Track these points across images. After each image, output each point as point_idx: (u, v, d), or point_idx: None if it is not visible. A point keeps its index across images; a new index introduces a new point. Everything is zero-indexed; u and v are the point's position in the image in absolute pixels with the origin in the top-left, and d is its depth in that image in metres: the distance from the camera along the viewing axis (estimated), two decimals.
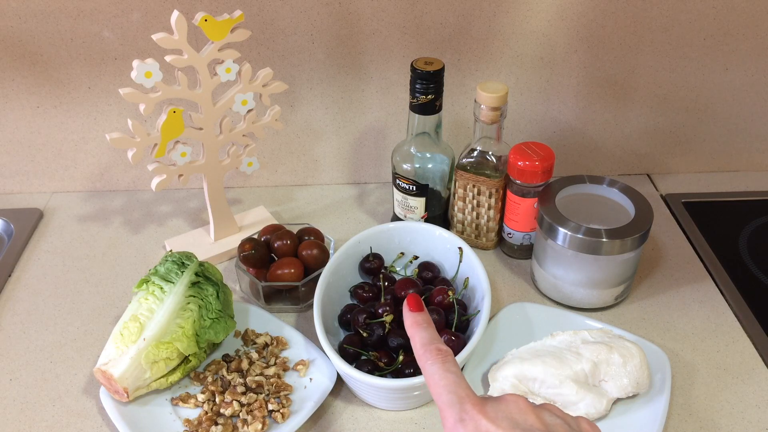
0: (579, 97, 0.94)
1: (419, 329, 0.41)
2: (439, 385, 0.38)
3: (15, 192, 0.99)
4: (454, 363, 0.40)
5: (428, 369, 0.39)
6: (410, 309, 0.43)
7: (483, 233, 0.86)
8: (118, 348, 0.65)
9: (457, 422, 0.36)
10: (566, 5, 0.86)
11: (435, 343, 0.40)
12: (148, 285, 0.70)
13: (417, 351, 0.41)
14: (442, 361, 0.39)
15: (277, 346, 0.73)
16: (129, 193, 0.99)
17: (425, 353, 0.40)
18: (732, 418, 0.66)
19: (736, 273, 0.84)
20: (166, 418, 0.66)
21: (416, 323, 0.42)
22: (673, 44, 0.90)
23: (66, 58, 0.86)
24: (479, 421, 0.35)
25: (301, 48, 0.87)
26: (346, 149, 0.98)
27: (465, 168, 0.82)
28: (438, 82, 0.76)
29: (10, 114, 0.91)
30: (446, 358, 0.39)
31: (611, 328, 0.72)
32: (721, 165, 1.03)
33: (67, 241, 0.90)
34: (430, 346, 0.40)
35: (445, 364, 0.39)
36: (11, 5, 0.82)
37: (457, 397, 0.37)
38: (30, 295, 0.82)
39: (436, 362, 0.39)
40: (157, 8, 0.83)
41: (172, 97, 0.73)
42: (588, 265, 0.74)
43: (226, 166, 0.83)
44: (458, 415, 0.36)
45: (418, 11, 0.85)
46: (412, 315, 0.43)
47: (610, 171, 1.03)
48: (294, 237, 0.80)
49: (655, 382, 0.68)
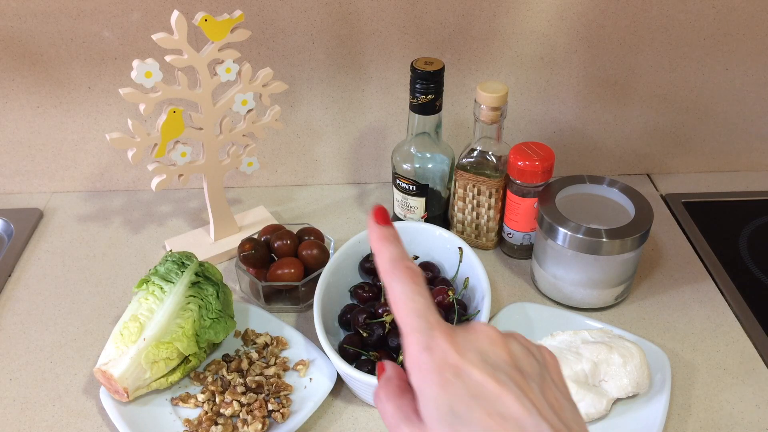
0: (579, 97, 0.94)
1: (387, 243, 0.36)
2: (408, 307, 0.34)
3: (15, 192, 0.99)
4: (424, 285, 0.35)
5: (396, 288, 0.35)
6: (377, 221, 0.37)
7: (483, 233, 0.86)
8: (118, 348, 0.65)
9: (424, 350, 0.33)
10: (566, 5, 0.86)
11: (405, 260, 0.36)
12: (148, 285, 0.70)
13: (384, 267, 0.36)
14: (412, 281, 0.35)
15: (277, 346, 0.73)
16: (129, 193, 0.99)
17: (394, 269, 0.35)
18: (732, 418, 0.66)
19: (736, 273, 0.84)
20: (166, 418, 0.66)
21: (383, 237, 0.37)
22: (673, 44, 0.90)
23: (66, 58, 0.86)
24: (448, 352, 0.32)
25: (301, 48, 0.87)
26: (346, 149, 0.98)
27: (465, 168, 0.82)
28: (438, 82, 0.76)
29: (10, 114, 0.91)
30: (417, 279, 0.35)
31: (611, 328, 0.72)
32: (721, 165, 1.03)
33: (67, 241, 0.90)
34: (399, 263, 0.35)
35: (416, 285, 0.35)
36: (11, 5, 0.82)
37: (427, 322, 0.33)
38: (30, 295, 0.82)
39: (406, 281, 0.35)
40: (157, 8, 0.83)
41: (172, 97, 0.73)
42: (588, 265, 0.74)
43: (226, 166, 0.83)
44: (426, 342, 0.33)
45: (418, 11, 0.85)
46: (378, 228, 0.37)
47: (610, 171, 1.03)
48: (294, 237, 0.80)
49: (655, 382, 0.67)
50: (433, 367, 0.32)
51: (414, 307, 0.34)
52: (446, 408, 0.32)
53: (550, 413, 0.32)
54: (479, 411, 0.31)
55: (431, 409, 0.32)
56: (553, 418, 0.32)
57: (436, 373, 0.32)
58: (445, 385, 0.32)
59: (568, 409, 0.34)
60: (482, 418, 0.31)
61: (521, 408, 0.31)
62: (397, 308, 0.35)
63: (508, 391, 0.32)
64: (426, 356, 0.33)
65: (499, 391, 0.32)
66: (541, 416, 0.32)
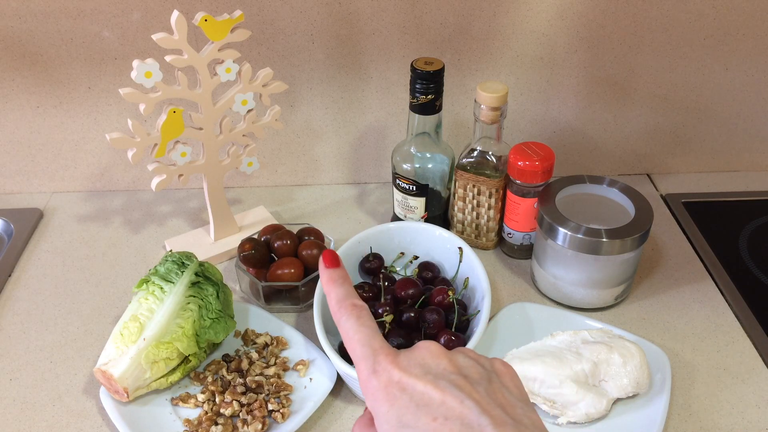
0: (579, 97, 0.94)
1: (335, 286, 0.40)
2: (354, 339, 0.37)
3: (15, 192, 0.99)
4: (368, 317, 0.39)
5: (343, 324, 0.38)
6: (326, 265, 0.41)
7: (483, 233, 0.86)
8: (118, 348, 0.65)
9: (371, 374, 0.36)
10: (566, 5, 0.86)
11: (350, 299, 0.39)
12: (148, 285, 0.70)
13: (332, 307, 0.40)
14: (356, 316, 0.38)
15: (277, 346, 0.73)
16: (129, 193, 0.99)
17: (340, 309, 0.39)
18: (732, 418, 0.66)
19: (736, 273, 0.84)
20: (166, 418, 0.66)
21: (332, 279, 0.41)
22: (673, 44, 0.90)
23: (66, 58, 0.86)
24: (391, 371, 0.35)
25: (301, 48, 0.87)
26: (346, 149, 0.98)
27: (465, 168, 0.82)
28: (438, 82, 0.76)
29: (10, 114, 0.91)
30: (361, 313, 0.39)
31: (611, 328, 0.72)
32: (721, 165, 1.03)
33: (67, 241, 0.90)
34: (345, 301, 0.39)
35: (360, 318, 0.38)
36: (11, 5, 0.82)
37: (371, 349, 0.37)
38: (30, 295, 0.82)
39: (351, 317, 0.38)
40: (157, 8, 0.83)
41: (172, 97, 0.73)
42: (588, 265, 0.74)
43: (226, 166, 0.83)
44: (371, 367, 0.36)
45: (418, 11, 0.85)
46: (327, 271, 0.41)
47: (610, 171, 1.03)
48: (294, 237, 0.80)
49: (655, 382, 0.68)
50: (380, 387, 0.35)
51: (359, 338, 0.37)
52: (395, 421, 0.34)
53: (494, 409, 0.34)
54: (425, 418, 0.33)
55: (383, 425, 0.34)
56: (496, 412, 0.34)
57: (383, 392, 0.35)
58: (392, 401, 0.34)
59: (520, 407, 0.35)
60: (428, 423, 0.33)
61: (462, 407, 0.33)
62: (346, 342, 0.38)
63: (450, 395, 0.34)
64: (373, 379, 0.35)
65: (442, 396, 0.34)
66: (483, 411, 0.33)
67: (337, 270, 0.41)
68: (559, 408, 0.64)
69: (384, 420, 0.34)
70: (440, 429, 0.33)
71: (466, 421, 0.33)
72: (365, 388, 0.36)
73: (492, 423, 0.33)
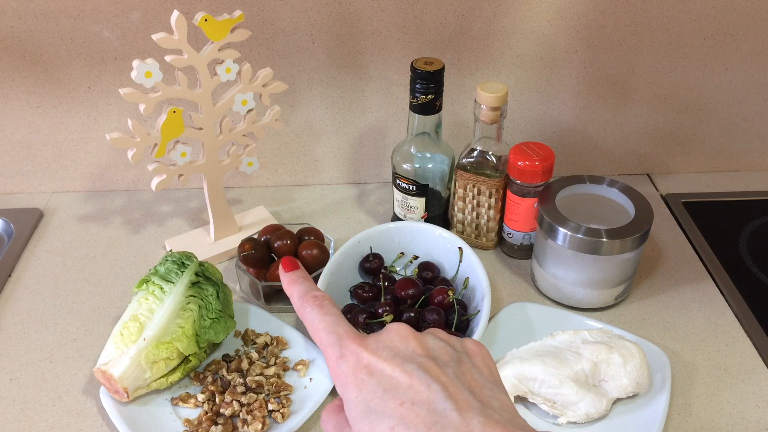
0: (579, 97, 0.94)
1: (296, 285, 0.41)
2: (319, 328, 0.37)
3: (15, 192, 0.99)
4: (331, 305, 0.39)
5: (306, 316, 0.38)
6: (285, 270, 0.42)
7: (483, 233, 0.86)
8: (118, 348, 0.65)
9: (339, 359, 0.35)
10: (566, 5, 0.86)
11: (311, 292, 0.40)
12: (148, 285, 0.70)
13: (295, 304, 0.40)
14: (319, 306, 0.38)
15: (277, 346, 0.73)
16: (129, 193, 0.99)
17: (302, 303, 0.39)
18: (732, 418, 0.66)
19: (736, 273, 0.84)
20: (166, 418, 0.66)
21: (292, 281, 0.41)
22: (673, 44, 0.90)
23: (66, 58, 0.86)
24: (360, 354, 0.35)
25: (301, 48, 0.87)
26: (346, 149, 0.98)
27: (465, 168, 0.82)
28: (438, 82, 0.76)
29: (10, 114, 0.91)
30: (323, 303, 0.39)
31: (611, 328, 0.72)
32: (721, 165, 1.03)
33: (67, 241, 0.90)
34: (306, 295, 0.39)
35: (323, 308, 0.38)
36: (11, 5, 0.82)
37: (336, 335, 0.36)
38: (30, 295, 0.82)
39: (314, 308, 0.38)
40: (157, 8, 0.83)
41: (172, 97, 0.73)
42: (588, 265, 0.74)
43: (226, 166, 0.83)
44: (339, 352, 0.36)
45: (418, 11, 0.85)
46: (287, 275, 0.41)
47: (610, 171, 1.03)
48: (294, 237, 0.80)
49: (655, 382, 0.68)
50: (348, 372, 0.35)
51: (323, 326, 0.37)
52: (363, 406, 0.34)
53: (461, 392, 0.34)
54: (392, 402, 0.33)
55: (352, 411, 0.34)
56: (462, 396, 0.33)
57: (351, 377, 0.35)
58: (360, 385, 0.34)
59: (490, 388, 0.35)
60: (395, 408, 0.33)
61: (429, 391, 0.33)
62: (312, 334, 0.38)
63: (416, 379, 0.34)
64: (342, 364, 0.35)
65: (409, 380, 0.34)
66: (449, 395, 0.33)
67: (297, 271, 0.42)
68: (559, 408, 0.64)
69: (353, 406, 0.34)
70: (407, 414, 0.32)
71: (432, 406, 0.33)
72: (335, 374, 0.36)
73: (456, 408, 0.32)
